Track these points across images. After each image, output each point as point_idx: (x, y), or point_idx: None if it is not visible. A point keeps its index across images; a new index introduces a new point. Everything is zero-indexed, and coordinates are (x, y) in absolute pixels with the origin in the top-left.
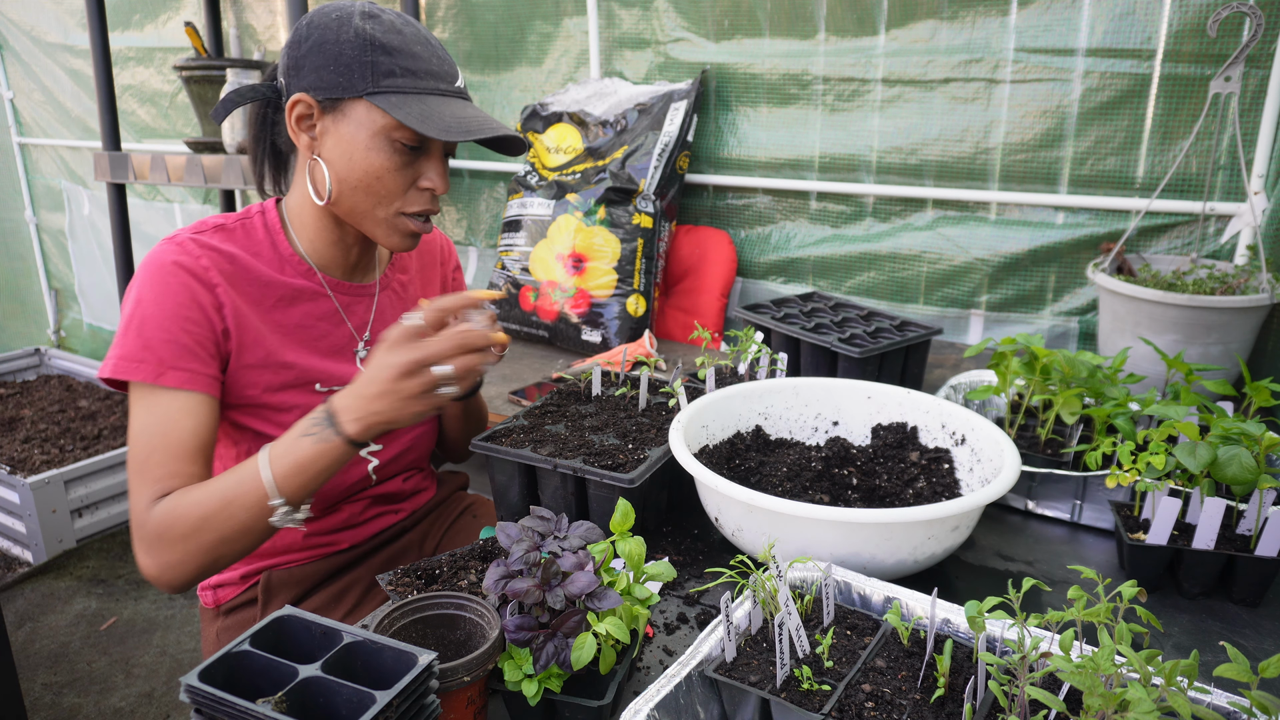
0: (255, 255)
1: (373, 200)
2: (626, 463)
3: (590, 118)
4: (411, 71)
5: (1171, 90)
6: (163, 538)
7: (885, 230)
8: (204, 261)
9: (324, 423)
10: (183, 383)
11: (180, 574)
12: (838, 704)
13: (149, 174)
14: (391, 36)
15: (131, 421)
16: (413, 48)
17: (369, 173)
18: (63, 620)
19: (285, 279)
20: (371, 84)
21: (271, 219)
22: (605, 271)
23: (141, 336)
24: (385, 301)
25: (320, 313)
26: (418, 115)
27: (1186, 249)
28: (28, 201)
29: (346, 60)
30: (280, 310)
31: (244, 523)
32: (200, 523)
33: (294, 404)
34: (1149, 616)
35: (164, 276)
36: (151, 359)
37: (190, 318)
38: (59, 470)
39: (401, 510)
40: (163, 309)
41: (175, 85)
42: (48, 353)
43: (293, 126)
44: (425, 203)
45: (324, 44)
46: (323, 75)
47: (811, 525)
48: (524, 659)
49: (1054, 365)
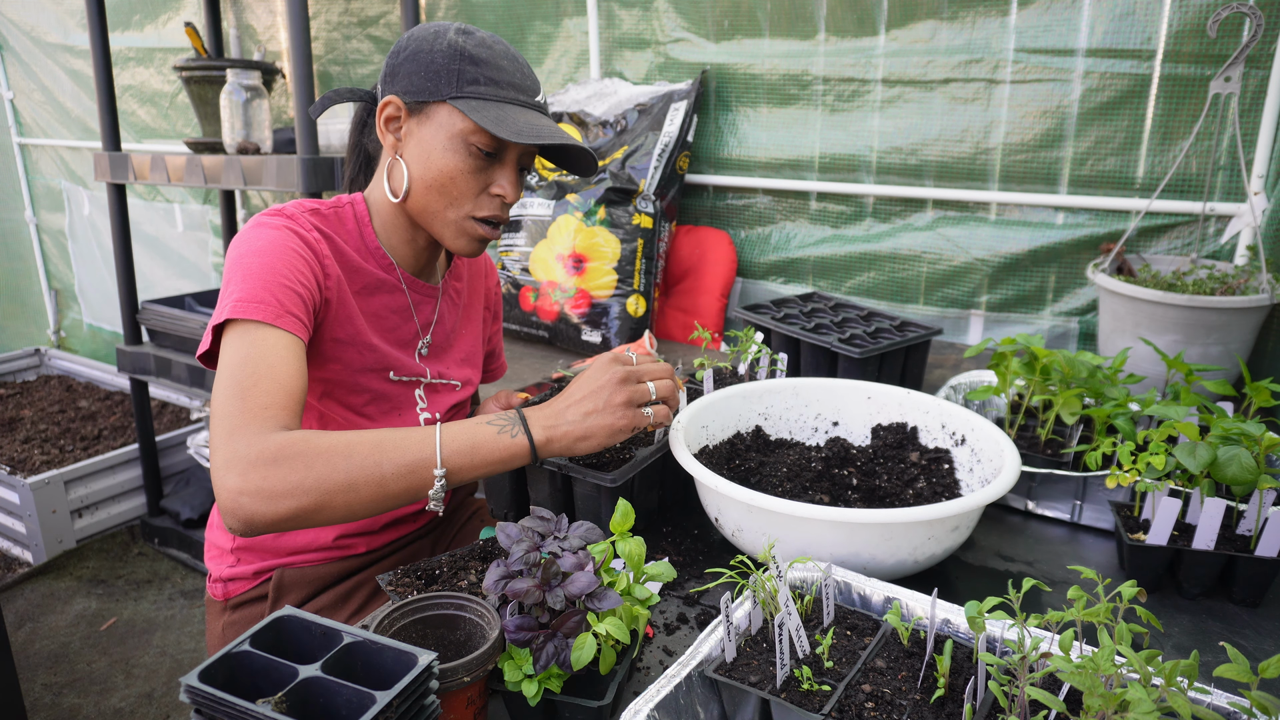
0: (346, 241)
1: (445, 201)
2: (612, 462)
3: (590, 118)
4: (494, 81)
5: (1171, 90)
6: (282, 459)
7: (885, 230)
8: (314, 235)
9: (514, 420)
10: (296, 329)
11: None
12: (838, 704)
13: (149, 174)
14: (481, 50)
15: (230, 355)
16: (499, 61)
17: (444, 173)
18: (63, 620)
19: (369, 268)
20: (456, 89)
21: (360, 210)
22: (605, 272)
23: (261, 280)
24: (444, 306)
25: (395, 305)
26: (493, 119)
27: (1186, 249)
28: (28, 201)
29: (436, 68)
30: (364, 297)
31: (385, 475)
32: (339, 456)
33: (368, 388)
34: (1149, 617)
35: (281, 236)
36: (273, 300)
37: (304, 276)
38: (59, 470)
39: (421, 519)
40: (282, 259)
41: (175, 85)
42: (48, 353)
43: (381, 127)
44: (495, 209)
45: (419, 53)
46: (413, 80)
47: (811, 525)
48: (524, 659)
49: (1054, 365)
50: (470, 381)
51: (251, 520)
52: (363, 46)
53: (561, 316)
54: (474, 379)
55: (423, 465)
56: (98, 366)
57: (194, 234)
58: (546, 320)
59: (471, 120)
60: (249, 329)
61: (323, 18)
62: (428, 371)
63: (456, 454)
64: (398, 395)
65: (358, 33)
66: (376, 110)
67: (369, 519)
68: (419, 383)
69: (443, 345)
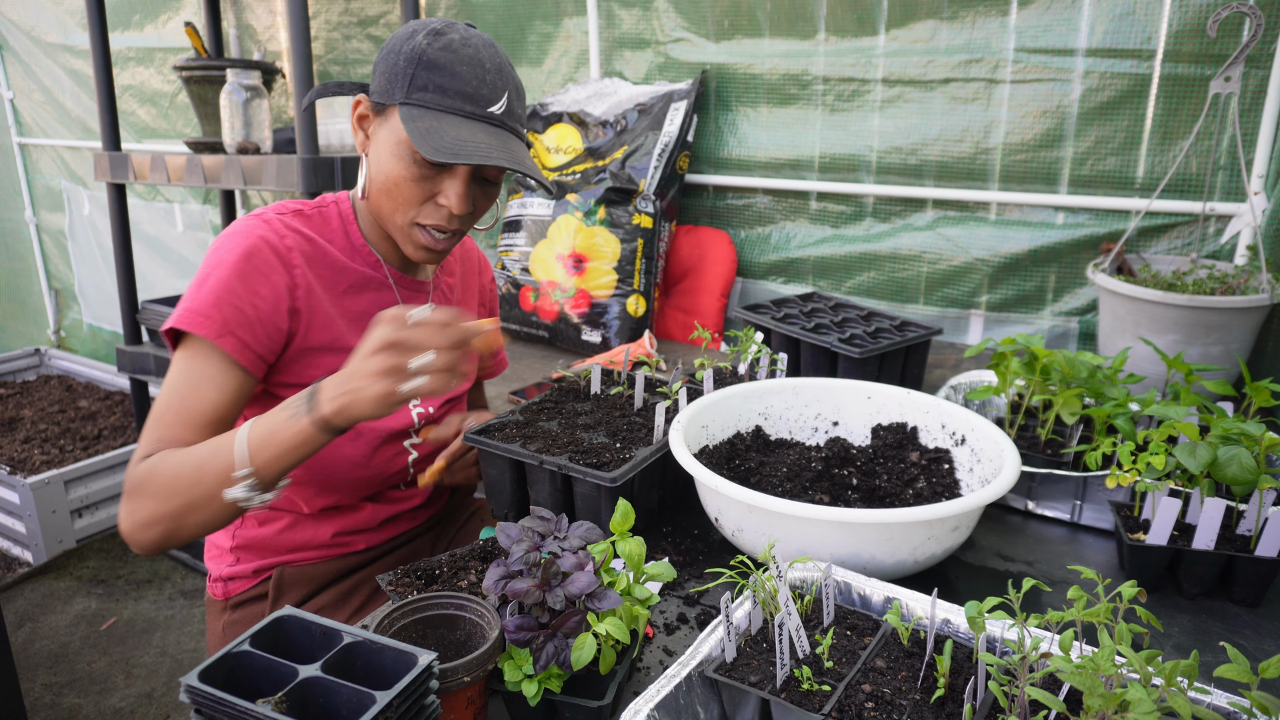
0: (330, 241)
1: (391, 205)
2: (612, 461)
3: (590, 118)
4: (441, 88)
5: (1171, 90)
6: (138, 492)
7: (885, 230)
8: (288, 241)
9: (305, 398)
10: (234, 350)
11: (146, 535)
12: (838, 704)
13: (149, 174)
14: (441, 54)
15: (168, 374)
16: (456, 67)
17: (389, 178)
18: (63, 620)
19: (356, 267)
20: (404, 94)
21: (345, 209)
22: (605, 271)
23: (214, 295)
24: (436, 301)
25: (384, 303)
26: (423, 130)
27: (1186, 249)
28: (28, 201)
29: (396, 70)
30: (350, 297)
31: (209, 490)
32: (172, 482)
33: None
34: (1149, 617)
35: (247, 248)
36: (218, 317)
37: (260, 294)
38: (59, 470)
39: (419, 516)
40: (240, 276)
41: (175, 85)
42: (48, 353)
43: (354, 124)
44: (440, 219)
45: (390, 53)
46: (379, 80)
47: (811, 525)
48: (524, 659)
49: (1054, 365)
50: (466, 375)
51: (138, 546)
52: (363, 46)
53: (561, 316)
54: (470, 373)
55: (226, 468)
56: (98, 366)
57: (194, 234)
58: (546, 320)
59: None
60: (190, 347)
61: (323, 18)
62: None
63: (259, 448)
64: None
65: (358, 33)
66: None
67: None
68: None
69: None
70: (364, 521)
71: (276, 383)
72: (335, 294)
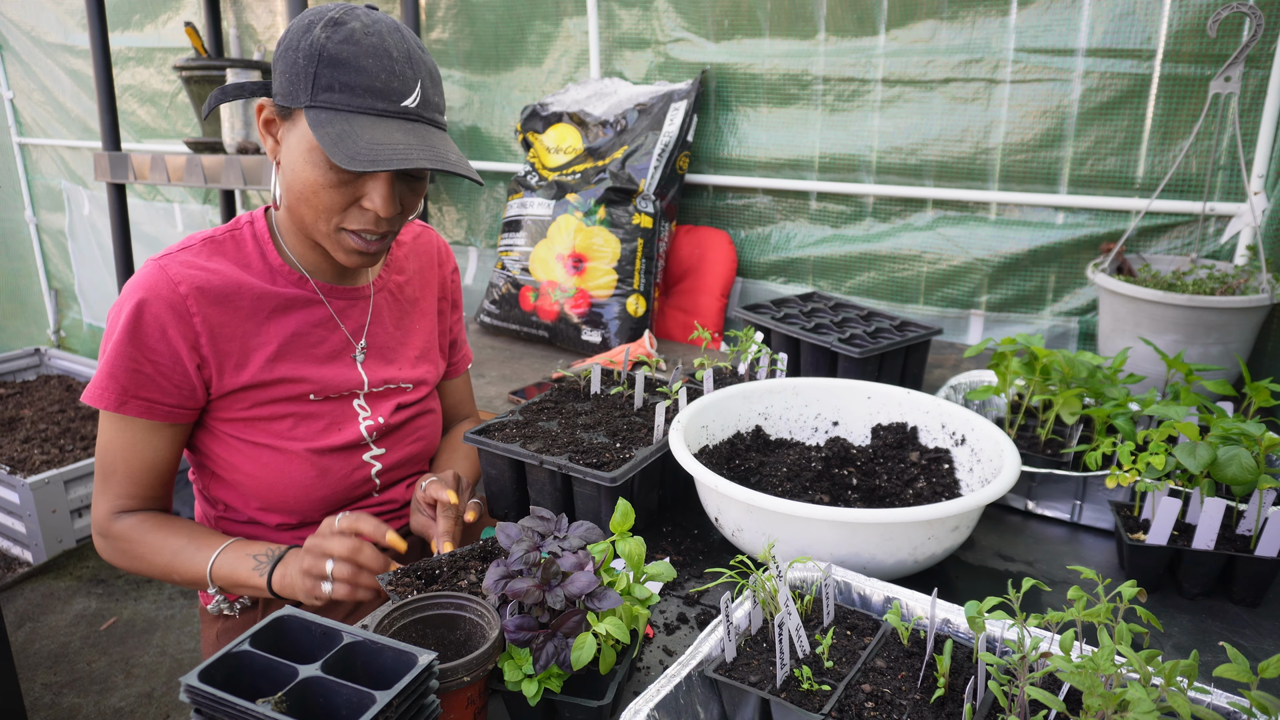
0: (245, 268)
1: (313, 213)
2: (611, 461)
3: (590, 118)
4: (348, 87)
5: (1171, 90)
6: (118, 550)
7: (885, 230)
8: (183, 289)
9: (268, 560)
10: (141, 412)
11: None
12: (838, 704)
13: (149, 174)
14: (343, 48)
15: (99, 435)
16: (361, 61)
17: (307, 185)
18: (63, 620)
19: (277, 289)
20: (309, 97)
21: (260, 229)
22: (605, 271)
23: (108, 366)
24: (381, 303)
25: (315, 319)
26: (334, 136)
27: (1186, 249)
28: (28, 201)
29: (297, 69)
30: (275, 321)
31: (176, 580)
32: (150, 558)
33: (288, 413)
34: (1149, 617)
35: (138, 307)
36: (115, 389)
37: (156, 349)
38: (59, 470)
39: (405, 516)
40: (132, 339)
41: (175, 85)
42: (48, 353)
43: (261, 130)
44: (366, 222)
45: (288, 49)
46: (280, 81)
47: (811, 525)
48: (524, 659)
49: (1054, 365)
50: (426, 380)
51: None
52: None
53: (561, 316)
54: (431, 376)
55: (200, 582)
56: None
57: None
58: (546, 320)
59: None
60: (105, 416)
61: None
62: (366, 380)
63: (222, 579)
64: (328, 413)
65: None
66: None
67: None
68: (355, 394)
69: (388, 345)
70: None
71: (221, 418)
72: (258, 322)
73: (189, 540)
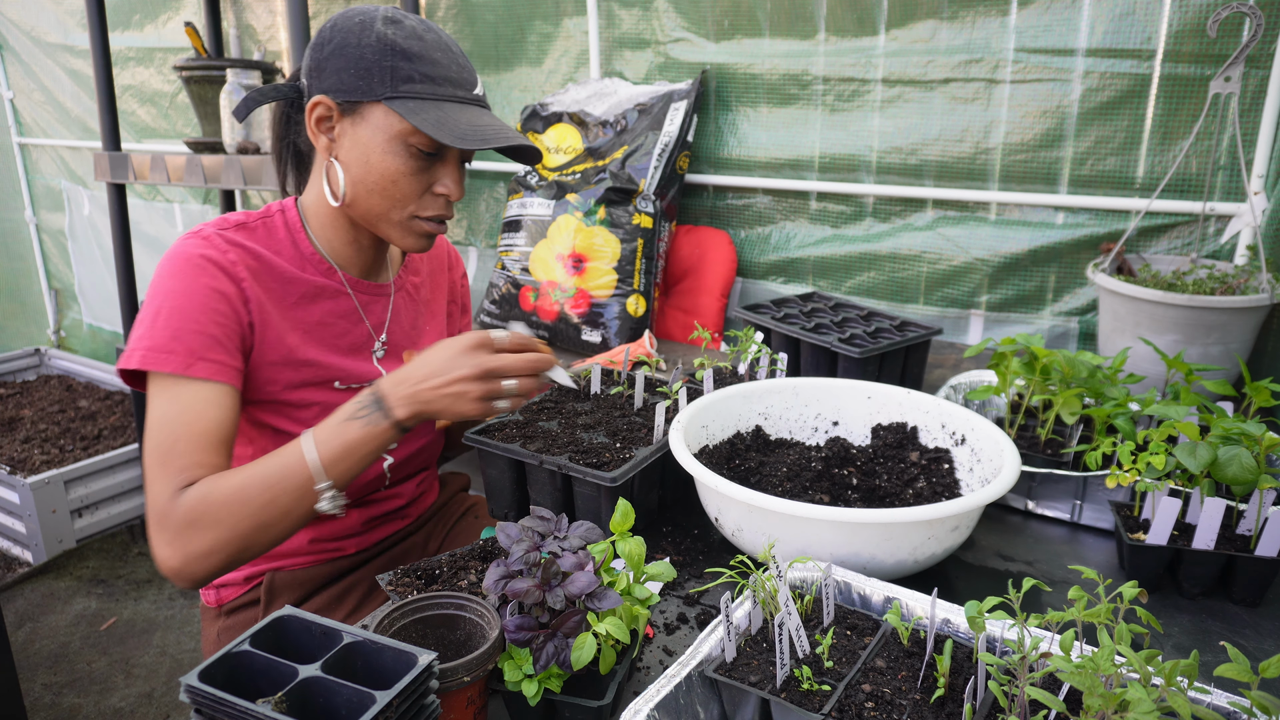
0: (277, 253)
1: (388, 203)
2: (612, 461)
3: (590, 118)
4: (430, 78)
5: (1171, 90)
6: (194, 524)
7: (885, 230)
8: (231, 256)
9: (372, 406)
10: (211, 374)
11: (205, 565)
12: (838, 704)
13: (149, 174)
14: (412, 42)
15: (152, 411)
16: (433, 54)
17: (385, 176)
18: (63, 620)
19: (307, 276)
20: (390, 89)
21: (292, 217)
22: (605, 271)
23: (170, 327)
24: (400, 302)
25: (340, 311)
26: (434, 121)
27: (1186, 249)
28: (28, 201)
29: (367, 64)
30: (302, 308)
31: (285, 507)
32: (238, 506)
33: (313, 401)
34: (1149, 617)
35: (192, 268)
36: (181, 349)
37: (218, 309)
38: (59, 470)
39: (408, 515)
40: (192, 300)
41: (175, 85)
42: (48, 353)
43: (312, 128)
44: (440, 208)
45: (345, 47)
46: (343, 78)
47: (811, 525)
48: (524, 659)
49: (1054, 365)
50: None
51: (192, 579)
52: None
53: (561, 316)
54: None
55: (309, 485)
56: (98, 366)
57: None
58: (546, 320)
59: (409, 122)
60: (164, 382)
61: (322, 18)
62: (384, 374)
63: (335, 461)
64: None
65: None
66: (306, 109)
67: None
68: None
69: (403, 344)
70: (349, 526)
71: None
72: (285, 307)
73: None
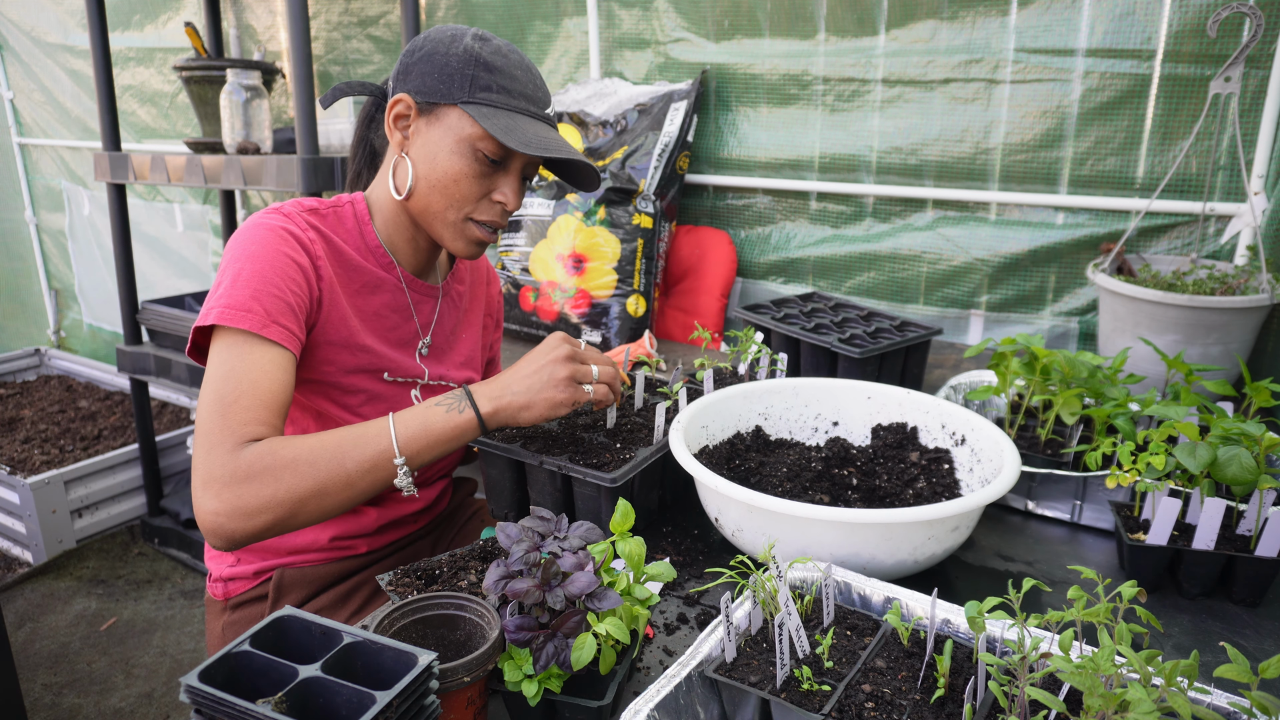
0: (345, 241)
1: (446, 202)
2: (612, 461)
3: (590, 118)
4: (506, 90)
5: (1171, 90)
6: (252, 478)
7: (885, 230)
8: (311, 234)
9: (459, 397)
10: (282, 338)
11: (251, 524)
12: (838, 704)
13: (149, 174)
14: (496, 58)
15: (217, 366)
16: (513, 70)
17: (448, 174)
18: (63, 620)
19: (370, 267)
20: (468, 94)
21: (360, 209)
22: (605, 272)
23: (250, 287)
24: (445, 307)
25: (395, 305)
26: (503, 128)
27: (1186, 249)
28: (28, 201)
29: (450, 70)
30: (363, 296)
31: (350, 474)
32: (305, 467)
33: (362, 388)
34: (1149, 617)
35: (273, 238)
36: (259, 309)
37: (295, 279)
38: (59, 470)
39: (421, 520)
40: (272, 265)
41: (175, 85)
42: (48, 353)
43: (389, 123)
44: (495, 215)
45: (434, 54)
46: (426, 80)
47: (811, 525)
48: (524, 659)
49: (1054, 365)
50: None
51: (231, 537)
52: (363, 46)
53: (561, 317)
54: (475, 381)
55: (384, 457)
56: (98, 366)
57: (194, 234)
58: (546, 320)
59: (480, 126)
60: (235, 339)
61: (323, 18)
62: (426, 373)
63: (412, 440)
64: (393, 396)
65: (358, 33)
66: (386, 106)
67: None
68: (415, 383)
69: (443, 346)
70: (366, 526)
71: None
72: (349, 292)
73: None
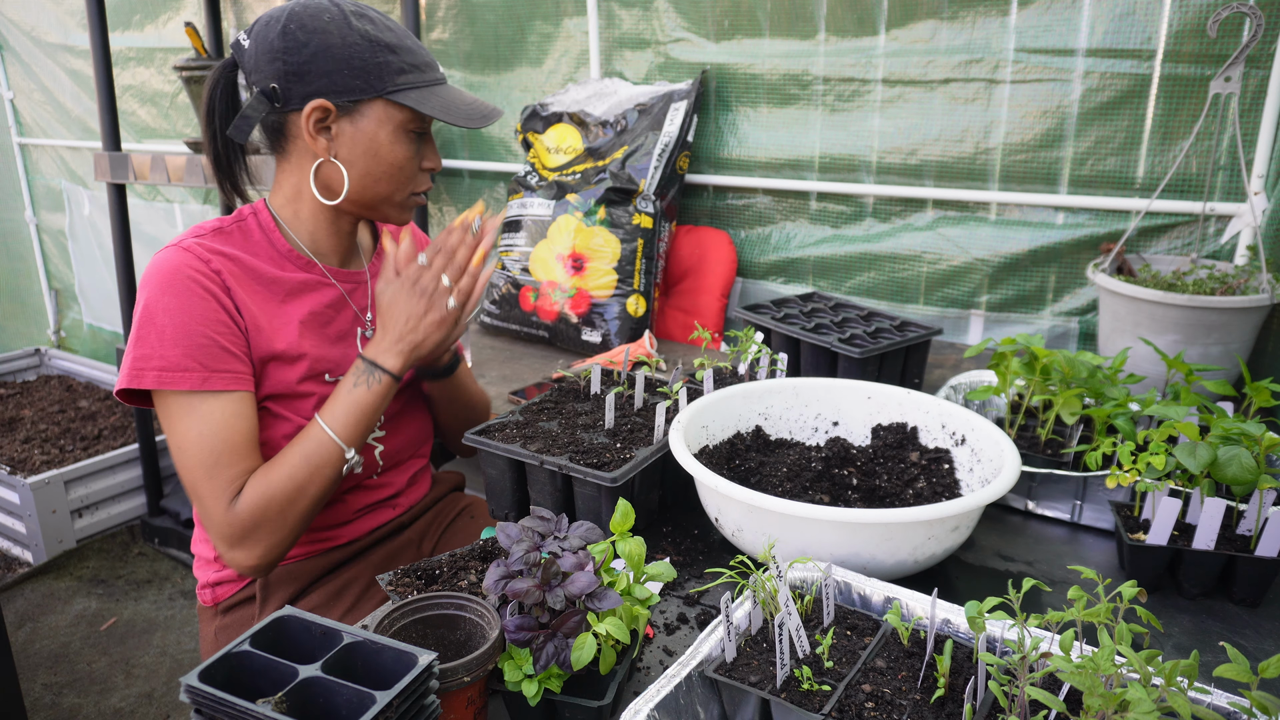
0: (255, 255)
1: (393, 187)
2: (612, 461)
3: (590, 118)
4: (415, 66)
5: (1171, 90)
6: (260, 525)
7: (885, 230)
8: (215, 264)
9: (367, 370)
10: (227, 384)
11: (279, 553)
12: (838, 704)
13: (149, 174)
14: (389, 35)
15: (179, 430)
16: (406, 43)
17: (394, 164)
18: (63, 620)
19: (287, 274)
20: (388, 83)
21: (265, 219)
22: (605, 272)
23: (179, 345)
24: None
25: (327, 300)
26: (440, 107)
27: (1186, 249)
28: (28, 201)
29: (359, 64)
30: (290, 304)
31: (329, 479)
32: (296, 493)
33: (309, 392)
34: (1149, 617)
35: (184, 283)
36: (195, 366)
37: (220, 320)
38: (59, 470)
39: (398, 505)
40: (193, 315)
41: (175, 85)
42: (48, 353)
43: (309, 131)
44: (427, 181)
45: (329, 49)
46: (335, 80)
47: (811, 525)
48: (524, 659)
49: (1054, 365)
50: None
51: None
52: None
53: (561, 316)
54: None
55: (337, 452)
56: (98, 366)
57: None
58: (546, 320)
59: (411, 110)
60: (183, 400)
61: None
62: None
63: (350, 428)
64: None
65: None
66: (302, 114)
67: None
68: None
69: None
70: (340, 515)
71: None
72: (275, 304)
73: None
